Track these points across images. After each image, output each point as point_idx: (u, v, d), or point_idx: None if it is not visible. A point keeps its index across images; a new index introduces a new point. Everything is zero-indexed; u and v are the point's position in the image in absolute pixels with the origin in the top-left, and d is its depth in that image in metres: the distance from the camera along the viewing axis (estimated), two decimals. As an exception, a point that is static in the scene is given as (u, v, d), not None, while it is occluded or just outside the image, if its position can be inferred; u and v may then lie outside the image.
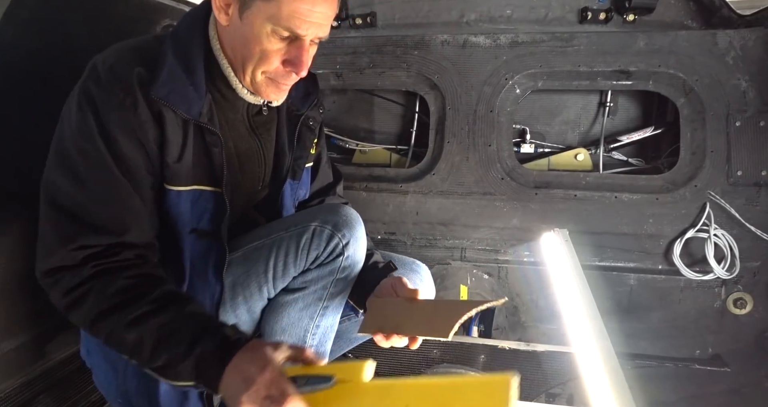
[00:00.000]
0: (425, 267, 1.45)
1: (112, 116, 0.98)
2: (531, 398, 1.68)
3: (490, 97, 1.96)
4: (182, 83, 1.03)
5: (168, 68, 1.02)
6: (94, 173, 0.98)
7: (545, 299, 1.98)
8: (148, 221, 1.04)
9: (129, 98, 0.98)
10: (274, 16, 1.00)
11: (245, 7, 1.02)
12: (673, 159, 1.92)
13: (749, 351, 1.86)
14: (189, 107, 1.03)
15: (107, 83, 0.98)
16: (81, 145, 0.98)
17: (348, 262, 1.16)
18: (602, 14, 1.91)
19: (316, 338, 1.23)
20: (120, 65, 1.00)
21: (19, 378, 1.33)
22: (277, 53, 1.05)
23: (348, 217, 1.17)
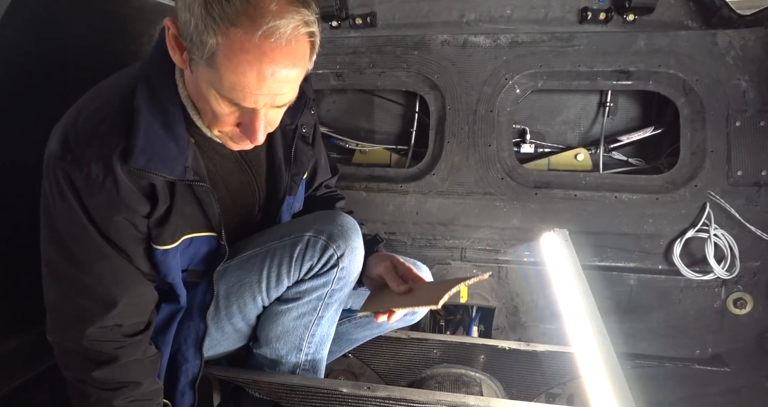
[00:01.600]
0: (426, 269, 1.45)
1: (95, 201, 0.93)
2: (531, 398, 1.68)
3: (490, 97, 1.96)
4: (162, 144, 0.94)
5: (144, 130, 0.92)
6: (91, 257, 0.98)
7: (545, 299, 1.98)
8: (149, 291, 1.07)
9: (109, 179, 0.92)
10: (215, 83, 0.88)
11: (193, 64, 0.90)
12: (673, 159, 1.92)
13: (749, 351, 1.86)
14: (173, 169, 0.96)
15: (85, 165, 0.91)
16: (71, 231, 0.96)
17: (343, 273, 1.15)
18: (602, 14, 1.91)
19: (312, 346, 1.24)
20: (94, 140, 0.91)
21: (19, 378, 1.32)
22: (230, 116, 0.94)
23: (343, 227, 1.15)
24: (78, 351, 1.03)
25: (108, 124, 0.93)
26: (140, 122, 0.92)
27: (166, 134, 0.95)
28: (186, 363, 1.16)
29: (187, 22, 0.85)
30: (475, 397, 1.25)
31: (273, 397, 1.28)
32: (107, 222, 0.96)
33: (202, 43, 0.85)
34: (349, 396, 1.23)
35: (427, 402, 1.22)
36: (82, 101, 1.00)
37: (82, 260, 0.98)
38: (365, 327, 1.47)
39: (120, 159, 0.91)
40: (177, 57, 0.93)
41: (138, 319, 1.06)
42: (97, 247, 0.97)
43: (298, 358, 1.24)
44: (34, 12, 1.20)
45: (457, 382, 1.70)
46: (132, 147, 0.91)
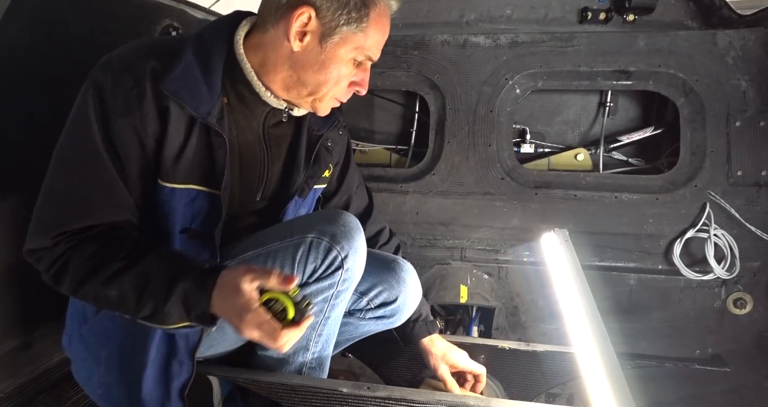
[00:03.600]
0: (406, 266, 1.42)
1: (114, 104, 0.99)
2: (531, 398, 1.68)
3: (490, 97, 1.96)
4: (196, 81, 1.04)
5: (185, 64, 1.03)
6: (81, 157, 1.00)
7: (545, 299, 1.98)
8: (129, 207, 1.04)
9: (136, 89, 0.99)
10: (360, 46, 1.11)
11: (328, 37, 1.08)
12: (673, 159, 1.92)
13: (749, 351, 1.86)
14: (198, 105, 1.04)
15: (118, 72, 1.00)
16: (74, 128, 1.01)
17: (348, 274, 1.14)
18: (602, 14, 1.91)
19: (319, 345, 1.24)
20: (135, 57, 1.02)
21: (19, 378, 1.32)
22: (348, 77, 1.14)
23: (347, 227, 1.14)
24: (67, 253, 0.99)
25: (153, 51, 1.03)
26: (183, 59, 1.03)
27: (202, 77, 1.05)
28: (178, 369, 1.13)
29: (340, 7, 1.06)
30: (475, 397, 1.25)
31: (273, 397, 1.28)
32: (115, 128, 1.00)
33: (360, 17, 1.07)
34: (349, 396, 1.23)
35: (427, 402, 1.22)
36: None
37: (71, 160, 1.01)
38: (342, 329, 1.42)
39: (152, 77, 1.00)
40: (298, 44, 1.08)
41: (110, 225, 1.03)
42: (93, 149, 0.99)
43: (305, 357, 1.24)
44: (34, 12, 1.20)
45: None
46: (168, 72, 1.01)
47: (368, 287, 1.36)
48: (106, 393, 1.16)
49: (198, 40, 1.09)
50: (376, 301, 1.37)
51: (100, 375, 1.14)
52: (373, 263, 1.34)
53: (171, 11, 1.66)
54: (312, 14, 1.06)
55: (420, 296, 1.46)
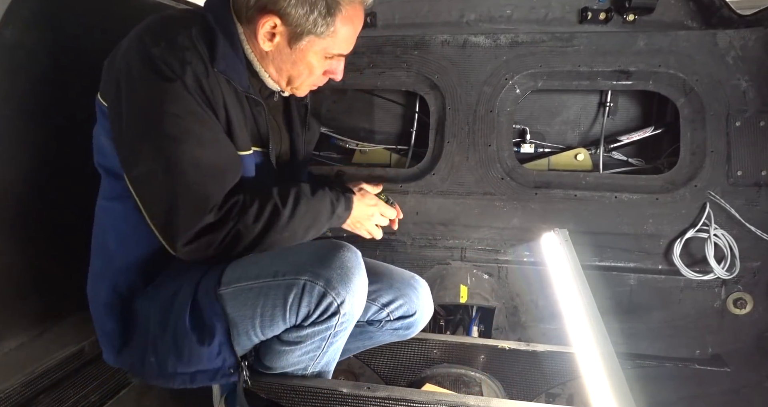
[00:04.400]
0: (424, 283, 1.46)
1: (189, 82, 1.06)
2: (531, 398, 1.69)
3: (490, 97, 1.96)
4: (234, 59, 1.14)
5: (221, 45, 1.12)
6: (213, 129, 1.11)
7: (545, 299, 1.98)
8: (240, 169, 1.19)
9: (200, 66, 1.08)
10: (327, 47, 1.19)
11: (296, 40, 1.16)
12: (673, 159, 1.92)
13: (749, 351, 1.86)
14: (241, 81, 1.16)
15: (179, 51, 1.06)
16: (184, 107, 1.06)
17: (345, 318, 1.12)
18: (602, 14, 1.91)
19: (318, 367, 1.24)
20: (182, 38, 1.08)
21: (19, 378, 1.33)
22: (321, 68, 1.24)
23: (343, 268, 1.09)
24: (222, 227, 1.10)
25: (193, 30, 1.10)
26: (218, 40, 1.12)
27: (236, 56, 1.15)
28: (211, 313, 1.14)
29: (305, 15, 1.12)
30: (475, 397, 1.25)
31: (273, 397, 1.28)
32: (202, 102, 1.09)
33: (326, 23, 1.14)
34: (349, 396, 1.23)
35: (427, 402, 1.22)
36: (141, 25, 1.14)
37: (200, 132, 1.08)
38: (357, 337, 1.46)
39: (209, 58, 1.10)
40: (268, 44, 1.16)
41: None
42: (213, 121, 1.11)
43: (303, 375, 1.25)
44: (34, 12, 1.20)
45: (457, 382, 1.70)
46: (215, 53, 1.10)
47: (390, 300, 1.37)
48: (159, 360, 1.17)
49: (217, 20, 1.14)
50: (396, 313, 1.39)
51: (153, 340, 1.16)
52: (393, 277, 1.40)
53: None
54: (277, 22, 1.13)
55: (432, 312, 1.50)
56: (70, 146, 1.40)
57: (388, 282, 1.37)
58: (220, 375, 1.14)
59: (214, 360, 1.13)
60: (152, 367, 1.16)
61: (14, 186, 1.26)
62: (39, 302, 1.39)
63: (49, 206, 1.37)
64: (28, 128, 1.27)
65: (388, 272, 1.42)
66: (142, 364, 1.18)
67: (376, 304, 1.35)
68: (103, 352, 1.26)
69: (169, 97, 1.05)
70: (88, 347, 1.54)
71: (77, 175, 1.44)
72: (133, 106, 1.07)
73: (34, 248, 1.35)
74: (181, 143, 1.05)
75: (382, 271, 1.42)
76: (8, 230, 1.27)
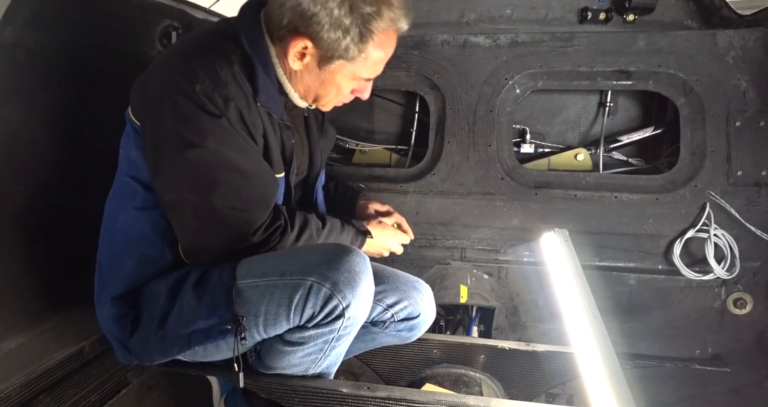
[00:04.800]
0: (427, 287, 1.47)
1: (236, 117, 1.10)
2: (531, 398, 1.69)
3: (490, 97, 1.96)
4: (271, 90, 1.17)
5: (261, 77, 1.14)
6: (254, 159, 1.15)
7: (545, 299, 1.98)
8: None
9: (242, 100, 1.11)
10: (356, 72, 1.19)
11: (325, 63, 1.16)
12: (673, 159, 1.92)
13: (749, 351, 1.86)
14: (278, 110, 1.19)
15: (222, 87, 1.08)
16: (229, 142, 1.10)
17: (350, 322, 1.12)
18: (602, 14, 1.91)
19: (318, 369, 1.24)
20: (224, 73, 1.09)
21: (19, 378, 1.33)
22: (349, 88, 1.24)
23: (351, 272, 1.09)
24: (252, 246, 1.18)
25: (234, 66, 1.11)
26: (257, 73, 1.14)
27: (272, 84, 1.18)
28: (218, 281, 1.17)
29: (338, 40, 1.11)
30: (475, 397, 1.25)
31: (273, 397, 1.28)
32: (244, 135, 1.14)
33: (358, 49, 1.13)
34: (349, 396, 1.23)
35: (427, 402, 1.22)
36: (179, 51, 1.15)
37: (246, 166, 1.13)
38: (360, 338, 1.45)
39: (252, 92, 1.13)
40: (298, 64, 1.17)
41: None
42: (254, 151, 1.15)
43: (303, 375, 1.25)
44: (34, 12, 1.20)
45: (457, 382, 1.70)
46: (256, 88, 1.14)
47: (395, 301, 1.37)
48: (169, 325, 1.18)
49: (251, 44, 1.15)
50: (401, 315, 1.39)
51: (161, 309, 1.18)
52: (399, 279, 1.41)
53: (171, 11, 1.66)
54: (308, 44, 1.13)
55: (435, 316, 1.51)
56: (69, 146, 1.40)
57: (393, 284, 1.38)
58: (216, 331, 1.11)
59: (211, 317, 1.12)
60: (154, 340, 1.17)
61: (14, 186, 1.26)
62: (39, 302, 1.39)
63: (49, 205, 1.37)
64: (28, 127, 1.27)
65: (394, 274, 1.43)
66: (147, 343, 1.19)
67: (381, 304, 1.35)
68: (115, 348, 1.27)
69: (214, 133, 1.08)
70: (88, 347, 1.54)
71: (77, 175, 1.44)
72: (178, 139, 1.09)
73: (35, 248, 1.35)
74: (225, 180, 1.11)
75: (388, 274, 1.42)
76: (8, 230, 1.27)
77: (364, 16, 1.09)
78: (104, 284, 1.25)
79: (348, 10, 1.08)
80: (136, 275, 1.22)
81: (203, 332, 1.12)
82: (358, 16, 1.09)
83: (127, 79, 1.29)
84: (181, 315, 1.15)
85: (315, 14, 1.08)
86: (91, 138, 1.47)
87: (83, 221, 1.41)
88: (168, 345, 1.16)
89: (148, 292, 1.22)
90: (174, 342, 1.15)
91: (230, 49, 1.13)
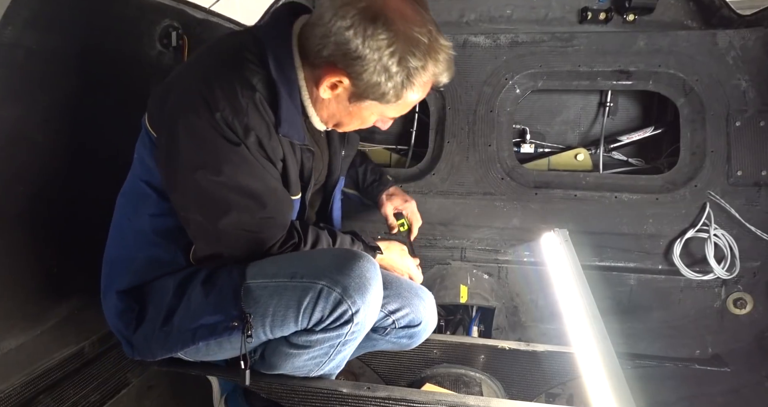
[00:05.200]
0: (430, 295, 1.46)
1: (256, 145, 1.09)
2: (531, 398, 1.69)
3: (490, 97, 1.96)
4: (295, 117, 1.14)
5: (285, 107, 1.10)
6: (270, 185, 1.14)
7: (545, 299, 1.98)
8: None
9: (263, 129, 1.08)
10: (385, 112, 1.18)
11: (356, 99, 1.13)
12: (673, 159, 1.92)
13: (749, 351, 1.86)
14: (300, 136, 1.16)
15: (243, 116, 1.05)
16: (246, 169, 1.09)
17: (358, 327, 1.12)
18: (602, 14, 1.91)
19: (321, 372, 1.24)
20: (245, 101, 1.06)
21: (19, 378, 1.32)
22: (373, 121, 1.23)
23: (362, 278, 1.09)
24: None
25: (255, 96, 1.08)
26: (281, 101, 1.10)
27: (296, 111, 1.15)
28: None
29: (378, 84, 1.07)
30: (475, 397, 1.26)
31: (273, 397, 1.28)
32: (265, 163, 1.13)
33: (395, 95, 1.10)
34: (349, 396, 1.23)
35: (427, 402, 1.22)
36: (201, 66, 1.13)
37: (261, 191, 1.12)
38: (360, 344, 1.44)
39: (273, 126, 1.10)
40: (328, 94, 1.13)
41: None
42: (270, 175, 1.14)
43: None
44: (34, 12, 1.20)
45: (457, 382, 1.70)
46: (279, 118, 1.10)
47: (397, 308, 1.36)
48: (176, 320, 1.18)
49: (278, 67, 1.10)
50: (402, 322, 1.37)
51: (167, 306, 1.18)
52: (402, 286, 1.39)
53: (171, 11, 1.65)
54: (345, 81, 1.09)
55: (436, 324, 1.49)
56: (69, 146, 1.40)
57: (396, 290, 1.36)
58: (222, 327, 1.10)
59: (217, 313, 1.11)
60: (158, 335, 1.17)
61: (13, 186, 1.26)
62: (39, 302, 1.39)
63: (49, 206, 1.37)
64: (28, 127, 1.27)
65: (396, 281, 1.41)
66: (151, 338, 1.19)
67: (383, 310, 1.33)
68: (122, 344, 1.27)
69: (231, 160, 1.07)
70: (88, 347, 1.54)
71: (77, 175, 1.44)
72: (194, 162, 1.07)
73: (35, 248, 1.35)
74: (239, 204, 1.10)
75: (391, 280, 1.40)
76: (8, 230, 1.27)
77: (410, 69, 1.06)
78: (112, 278, 1.25)
79: (397, 60, 1.04)
80: (146, 274, 1.22)
81: (209, 328, 1.12)
82: (405, 68, 1.05)
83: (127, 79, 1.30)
84: (188, 310, 1.14)
85: (362, 57, 1.03)
86: (92, 138, 1.46)
87: (83, 221, 1.41)
88: (172, 340, 1.15)
89: (157, 288, 1.21)
90: (178, 337, 1.14)
91: (254, 70, 1.09)
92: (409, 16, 1.04)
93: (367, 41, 1.01)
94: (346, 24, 1.01)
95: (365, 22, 1.01)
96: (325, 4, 1.06)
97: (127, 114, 1.40)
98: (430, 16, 1.10)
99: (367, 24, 1.01)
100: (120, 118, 1.22)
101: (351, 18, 1.01)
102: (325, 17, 1.04)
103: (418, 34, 1.04)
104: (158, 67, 1.68)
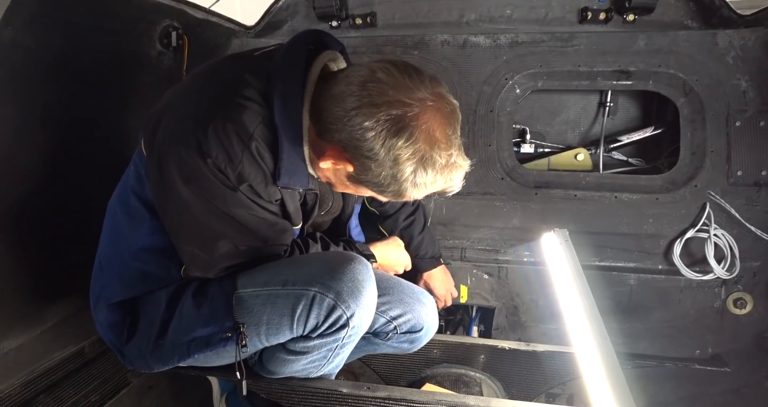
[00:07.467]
0: (431, 300, 1.46)
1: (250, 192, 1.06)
2: (531, 398, 1.69)
3: (490, 97, 1.96)
4: (298, 167, 1.08)
5: (286, 157, 1.04)
6: (260, 219, 1.11)
7: (545, 299, 1.98)
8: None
9: (259, 179, 1.05)
10: (379, 196, 1.11)
11: (355, 182, 1.08)
12: (673, 159, 1.92)
13: (749, 351, 1.86)
14: (302, 183, 1.11)
15: (238, 164, 1.01)
16: (242, 209, 1.08)
17: (354, 331, 1.11)
18: (602, 14, 1.91)
19: (320, 373, 1.24)
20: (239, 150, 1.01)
21: (19, 378, 1.33)
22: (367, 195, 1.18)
23: (354, 282, 1.08)
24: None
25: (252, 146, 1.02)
26: (284, 153, 1.04)
27: (298, 156, 1.07)
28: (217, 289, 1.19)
29: (382, 184, 1.04)
30: (475, 397, 1.26)
31: (273, 397, 1.28)
32: (257, 203, 1.10)
33: (399, 193, 1.05)
34: (349, 396, 1.23)
35: (427, 402, 1.22)
36: (198, 97, 1.07)
37: (255, 224, 1.11)
38: (361, 348, 1.45)
39: (271, 175, 1.06)
40: (328, 164, 1.06)
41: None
42: (268, 210, 1.12)
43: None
44: (34, 12, 1.20)
45: (457, 382, 1.70)
46: (278, 171, 1.05)
47: (399, 314, 1.36)
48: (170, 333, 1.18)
49: (282, 116, 1.03)
50: (404, 328, 1.37)
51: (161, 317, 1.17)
52: (404, 291, 1.38)
53: (171, 11, 1.65)
54: (349, 169, 1.04)
55: (437, 328, 1.49)
56: (69, 147, 1.40)
57: (397, 296, 1.35)
58: (216, 339, 1.10)
59: (210, 325, 1.11)
60: (153, 348, 1.17)
61: (13, 186, 1.26)
62: (39, 302, 1.39)
63: (49, 206, 1.37)
64: (27, 128, 1.27)
65: (398, 285, 1.40)
66: (145, 351, 1.18)
67: (384, 316, 1.33)
68: (116, 354, 1.27)
69: (222, 196, 1.05)
70: (87, 347, 1.54)
71: (77, 175, 1.44)
72: (183, 196, 1.06)
73: (35, 248, 1.35)
74: (232, 237, 1.10)
75: (392, 284, 1.40)
76: (8, 231, 1.27)
77: (418, 183, 1.02)
78: (103, 286, 1.24)
79: (408, 172, 1.00)
80: (139, 288, 1.20)
81: (203, 340, 1.11)
82: (413, 180, 1.02)
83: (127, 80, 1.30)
84: (180, 323, 1.14)
85: (373, 159, 0.99)
86: (91, 138, 1.47)
87: (83, 221, 1.41)
88: (168, 353, 1.15)
89: (149, 300, 1.20)
90: (174, 350, 1.14)
91: (255, 112, 1.02)
92: (436, 138, 0.98)
93: (384, 149, 0.97)
94: (370, 125, 0.96)
95: (389, 133, 0.96)
96: (353, 82, 0.99)
97: (127, 114, 1.40)
98: (458, 137, 1.04)
99: (391, 135, 0.96)
100: (120, 118, 1.22)
101: (376, 122, 0.95)
102: (348, 103, 0.98)
103: (437, 156, 0.99)
104: (158, 67, 1.68)
